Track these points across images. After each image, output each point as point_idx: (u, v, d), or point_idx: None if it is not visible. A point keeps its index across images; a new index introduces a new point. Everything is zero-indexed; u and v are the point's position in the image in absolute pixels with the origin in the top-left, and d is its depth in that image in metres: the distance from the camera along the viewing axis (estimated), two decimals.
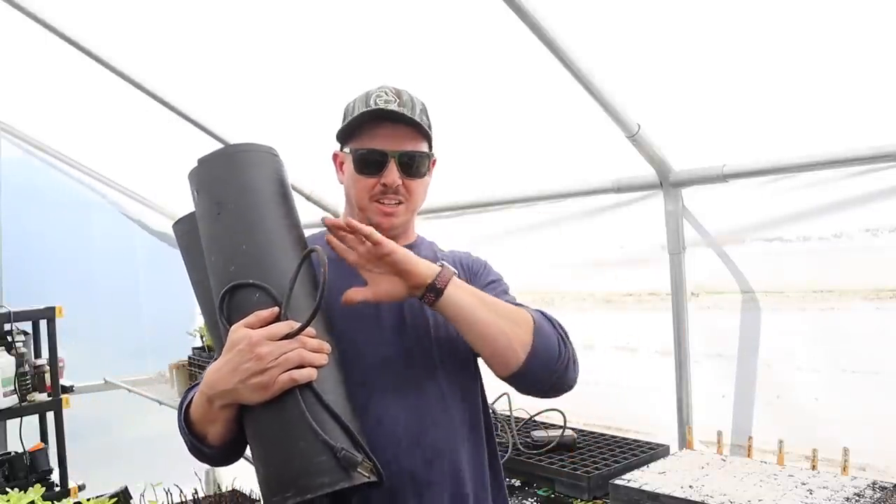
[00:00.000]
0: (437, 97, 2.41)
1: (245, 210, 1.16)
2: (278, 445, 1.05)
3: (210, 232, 1.18)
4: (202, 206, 1.20)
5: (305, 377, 1.04)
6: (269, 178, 1.21)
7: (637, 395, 2.47)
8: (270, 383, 1.03)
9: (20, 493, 2.34)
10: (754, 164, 1.98)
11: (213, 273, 1.16)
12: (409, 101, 1.30)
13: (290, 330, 1.05)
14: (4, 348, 3.26)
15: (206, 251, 1.18)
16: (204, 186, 1.20)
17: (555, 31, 1.81)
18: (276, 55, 2.52)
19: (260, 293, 1.10)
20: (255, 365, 1.03)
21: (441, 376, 1.29)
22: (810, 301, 2.00)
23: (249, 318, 1.07)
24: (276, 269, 1.12)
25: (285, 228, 1.18)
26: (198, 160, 1.22)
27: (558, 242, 2.66)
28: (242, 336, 1.05)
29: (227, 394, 1.06)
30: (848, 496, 1.64)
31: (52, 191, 4.23)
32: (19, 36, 2.72)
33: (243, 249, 1.13)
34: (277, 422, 1.05)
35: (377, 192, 1.29)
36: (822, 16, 1.65)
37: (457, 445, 1.29)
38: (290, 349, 1.04)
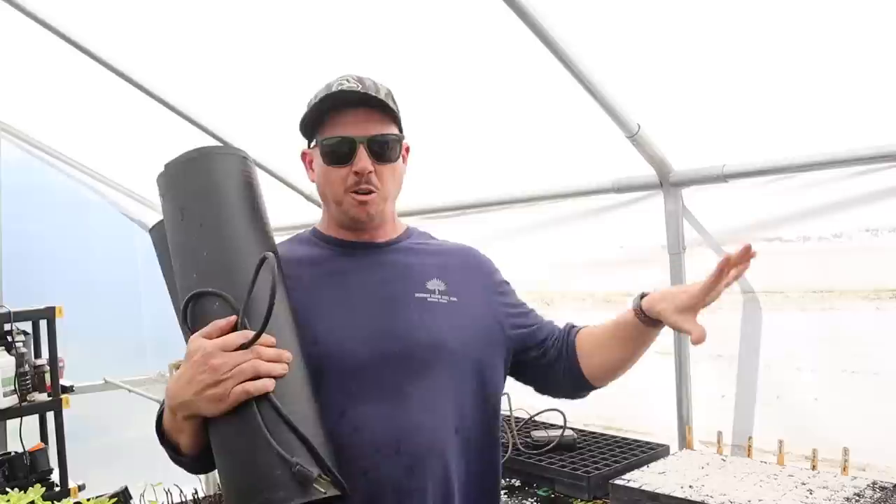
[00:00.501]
0: (438, 97, 2.42)
1: (207, 215, 1.13)
2: (237, 458, 1.03)
3: (174, 238, 1.15)
4: (167, 211, 1.18)
5: (260, 389, 1.00)
6: (234, 182, 1.17)
7: (637, 395, 2.46)
8: (225, 395, 1.00)
9: (20, 493, 2.33)
10: (754, 164, 1.98)
11: (178, 280, 1.14)
12: (373, 85, 1.25)
13: (244, 340, 1.01)
14: (4, 348, 3.25)
15: (172, 258, 1.16)
16: (168, 192, 1.18)
17: (555, 31, 1.81)
18: (276, 55, 2.52)
19: (219, 302, 1.06)
20: (210, 377, 1.00)
21: (426, 382, 1.23)
22: (810, 301, 2.00)
23: (206, 328, 1.04)
24: (237, 276, 1.08)
25: (250, 233, 1.14)
26: (164, 165, 1.19)
27: (558, 242, 2.65)
28: (197, 347, 1.03)
29: (186, 405, 1.04)
30: (848, 496, 1.64)
31: (52, 191, 4.22)
32: (19, 36, 2.72)
33: (204, 256, 1.10)
34: (235, 434, 1.03)
35: (350, 182, 1.23)
36: (822, 16, 1.65)
37: (442, 450, 1.22)
38: (243, 360, 1.00)
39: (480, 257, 1.45)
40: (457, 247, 1.44)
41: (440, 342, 1.25)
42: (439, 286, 1.30)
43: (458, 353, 1.27)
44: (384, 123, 1.25)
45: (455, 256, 1.40)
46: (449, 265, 1.36)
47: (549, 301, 2.70)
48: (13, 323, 3.30)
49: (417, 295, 1.27)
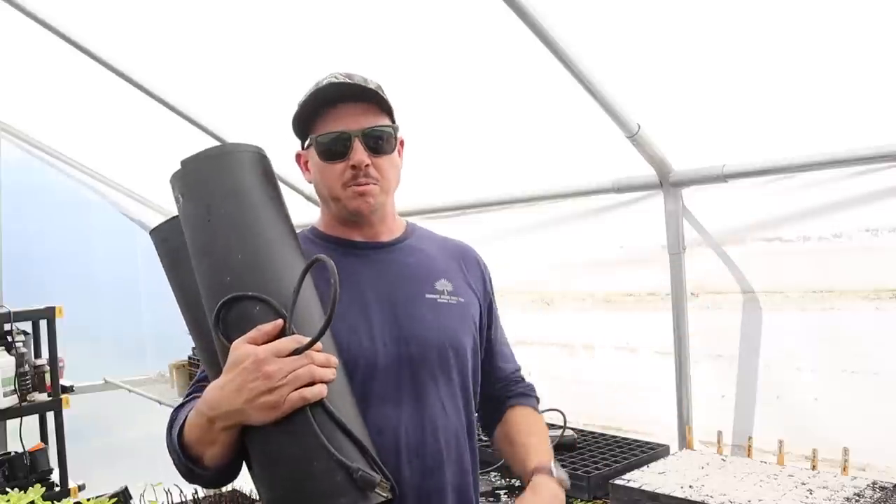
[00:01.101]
0: (438, 97, 2.42)
1: (238, 216, 1.08)
2: (290, 467, 0.99)
3: (199, 240, 1.09)
4: (189, 212, 1.11)
5: (317, 395, 0.98)
6: (260, 180, 1.13)
7: (637, 395, 2.47)
8: (280, 403, 0.97)
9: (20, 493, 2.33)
10: (754, 164, 1.98)
11: (204, 284, 1.07)
12: (362, 80, 1.23)
13: (297, 345, 0.98)
14: (4, 348, 3.26)
15: (196, 260, 1.09)
16: (189, 191, 1.11)
17: (555, 31, 1.81)
18: (276, 55, 2.52)
19: (260, 305, 1.02)
20: (263, 384, 0.96)
21: (442, 384, 1.25)
22: (810, 301, 2.00)
23: (252, 332, 1.00)
24: (277, 279, 1.04)
25: (281, 233, 1.11)
26: (181, 162, 1.13)
27: (558, 242, 2.66)
28: (247, 353, 0.98)
29: (232, 414, 1.00)
30: (848, 496, 1.64)
31: (52, 191, 4.22)
32: (19, 36, 2.72)
33: (238, 258, 1.05)
34: (288, 443, 0.99)
35: (348, 177, 1.21)
36: (821, 16, 1.65)
37: (459, 454, 1.27)
38: (299, 366, 0.98)
39: (477, 259, 1.45)
40: (457, 246, 1.44)
41: (454, 343, 1.27)
42: (447, 287, 1.31)
43: (468, 354, 1.30)
44: (377, 115, 1.23)
45: (457, 257, 1.40)
46: (452, 266, 1.36)
47: (549, 301, 2.71)
48: (13, 323, 3.30)
49: (428, 296, 1.28)
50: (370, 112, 1.22)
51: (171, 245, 1.15)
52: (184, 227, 1.12)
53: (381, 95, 1.22)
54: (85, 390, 3.98)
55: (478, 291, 1.38)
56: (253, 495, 2.96)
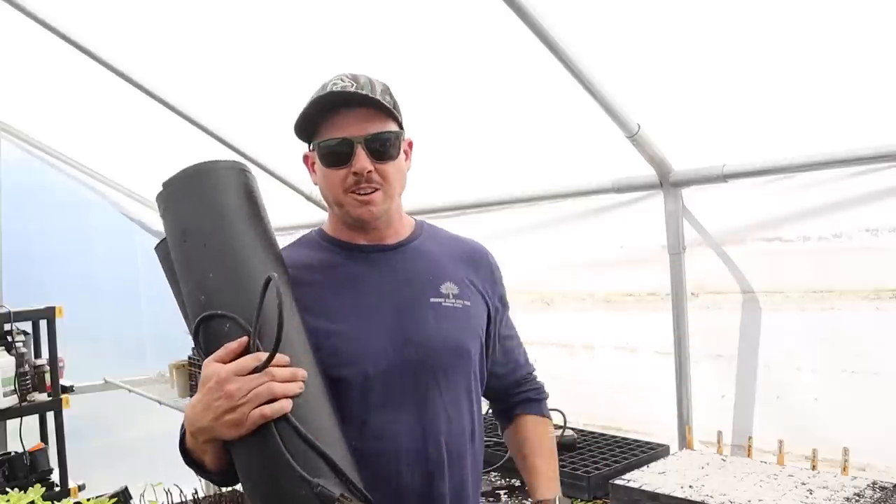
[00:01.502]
0: (438, 97, 2.42)
1: (210, 235, 1.10)
2: (260, 481, 1.03)
3: (179, 259, 1.13)
4: (169, 232, 1.15)
5: (278, 411, 0.99)
6: (236, 198, 1.14)
7: (637, 395, 2.47)
8: (242, 420, 0.99)
9: (20, 493, 2.34)
10: (754, 164, 1.98)
11: (187, 302, 1.12)
12: (368, 82, 1.21)
13: (257, 363, 1.00)
14: (4, 348, 3.26)
15: (179, 280, 1.14)
16: (168, 212, 1.15)
17: (555, 31, 1.81)
18: (276, 55, 2.52)
19: (230, 323, 1.05)
20: (226, 403, 0.99)
21: (444, 388, 1.24)
22: (810, 301, 2.00)
23: (219, 351, 1.03)
24: (245, 296, 1.06)
25: (256, 250, 1.12)
26: (162, 184, 1.17)
27: (558, 242, 2.66)
28: (212, 373, 1.02)
29: (204, 431, 1.04)
30: (848, 496, 1.64)
31: (52, 191, 4.22)
32: (19, 36, 2.72)
33: (211, 277, 1.08)
34: (255, 457, 1.03)
35: (350, 183, 1.20)
36: (821, 16, 1.65)
37: (460, 458, 1.26)
38: (258, 384, 0.99)
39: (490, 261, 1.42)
40: (470, 247, 1.41)
41: (458, 349, 1.26)
42: (453, 290, 1.29)
43: (471, 360, 1.29)
44: (382, 121, 1.21)
45: (467, 258, 1.37)
46: (460, 268, 1.34)
47: (549, 301, 2.71)
48: (13, 323, 3.30)
49: (433, 300, 1.26)
50: (374, 117, 1.21)
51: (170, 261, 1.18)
52: (170, 248, 1.16)
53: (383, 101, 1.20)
54: (85, 390, 3.98)
55: (486, 294, 1.36)
56: None
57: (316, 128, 1.22)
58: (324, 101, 1.19)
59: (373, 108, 1.20)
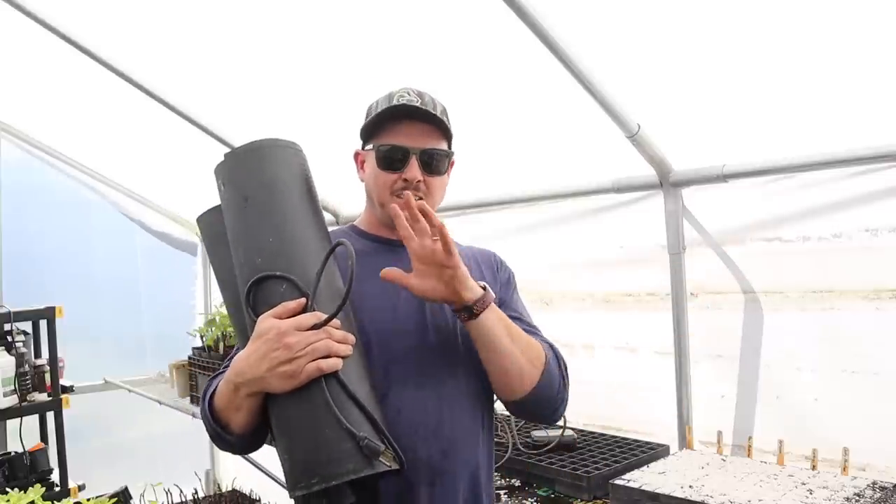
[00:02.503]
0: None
1: (271, 204, 1.18)
2: (304, 434, 1.07)
3: (236, 225, 1.20)
4: (228, 199, 1.22)
5: (331, 366, 1.07)
6: (295, 173, 1.23)
7: (637, 395, 2.47)
8: (298, 372, 1.05)
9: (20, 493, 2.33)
10: (754, 164, 1.98)
11: (239, 265, 1.19)
12: (431, 101, 1.34)
13: (317, 321, 1.08)
14: (4, 348, 3.25)
15: (233, 243, 1.21)
16: (231, 180, 1.23)
17: (555, 31, 1.81)
18: (277, 55, 2.52)
19: (286, 285, 1.12)
20: (283, 354, 1.06)
21: (462, 374, 1.31)
22: (810, 301, 2.00)
23: (277, 308, 1.10)
24: (302, 262, 1.15)
25: (310, 222, 1.21)
26: (224, 154, 1.25)
27: (558, 242, 2.66)
28: (271, 326, 1.08)
29: (255, 382, 1.09)
30: (848, 496, 1.64)
31: (52, 191, 4.21)
32: (19, 36, 2.72)
33: (270, 242, 1.15)
34: (303, 410, 1.08)
35: (398, 187, 1.31)
36: (821, 16, 1.65)
37: (474, 443, 1.33)
38: (316, 339, 1.07)
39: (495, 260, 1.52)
40: (480, 252, 1.52)
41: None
42: None
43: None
44: (437, 138, 1.34)
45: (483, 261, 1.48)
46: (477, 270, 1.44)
47: (548, 301, 2.71)
48: (13, 323, 3.30)
49: None
50: (432, 134, 1.33)
51: (214, 230, 1.27)
52: (224, 213, 1.24)
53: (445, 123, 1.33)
54: (85, 390, 3.98)
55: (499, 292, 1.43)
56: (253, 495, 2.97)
57: (378, 132, 1.33)
58: (395, 112, 1.30)
59: (433, 125, 1.33)
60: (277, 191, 1.20)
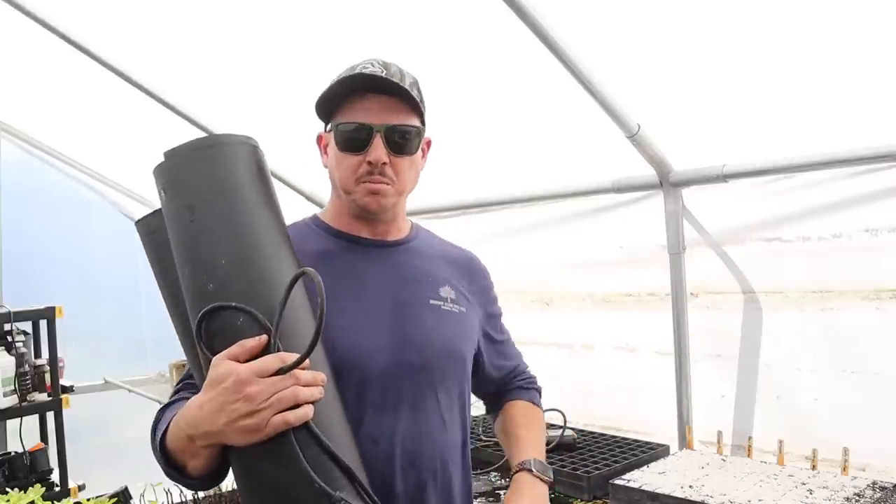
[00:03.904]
0: (437, 97, 2.40)
1: (222, 216, 0.98)
2: (270, 492, 0.95)
3: (182, 240, 1.00)
4: (171, 208, 1.02)
5: (301, 417, 0.92)
6: (250, 175, 1.03)
7: (637, 395, 2.47)
8: (262, 426, 0.90)
9: (20, 493, 2.33)
10: (754, 164, 1.98)
11: (187, 289, 0.99)
12: (399, 72, 1.18)
13: (282, 364, 0.91)
14: (4, 348, 3.25)
15: (178, 262, 1.01)
16: (172, 185, 1.03)
17: (555, 31, 1.81)
18: (276, 54, 2.52)
19: (244, 317, 0.94)
20: (244, 406, 0.90)
21: (441, 393, 1.21)
22: (810, 301, 2.00)
23: (234, 348, 0.92)
24: (263, 288, 0.96)
25: (272, 235, 1.01)
26: (164, 153, 1.05)
27: (558, 242, 2.66)
28: (228, 371, 0.91)
29: (211, 435, 0.94)
30: (848, 496, 1.64)
31: (52, 191, 4.21)
32: (19, 36, 2.72)
33: (223, 264, 0.96)
34: (269, 466, 0.94)
35: (363, 172, 1.15)
36: (821, 16, 1.65)
37: (452, 466, 1.23)
38: (283, 387, 0.91)
39: (482, 268, 1.41)
40: (462, 253, 1.40)
41: (456, 353, 1.24)
42: (450, 294, 1.27)
43: (466, 367, 1.28)
44: (405, 113, 1.17)
45: (461, 264, 1.36)
46: (456, 273, 1.32)
47: (548, 301, 2.71)
48: (13, 323, 3.29)
49: (432, 301, 1.24)
50: (399, 108, 1.17)
51: (158, 239, 1.06)
52: (167, 225, 1.03)
53: (411, 93, 1.16)
54: (85, 390, 3.98)
55: (479, 302, 1.35)
56: None
57: (337, 109, 1.18)
58: (353, 83, 1.15)
59: (399, 97, 1.16)
60: (230, 200, 0.99)
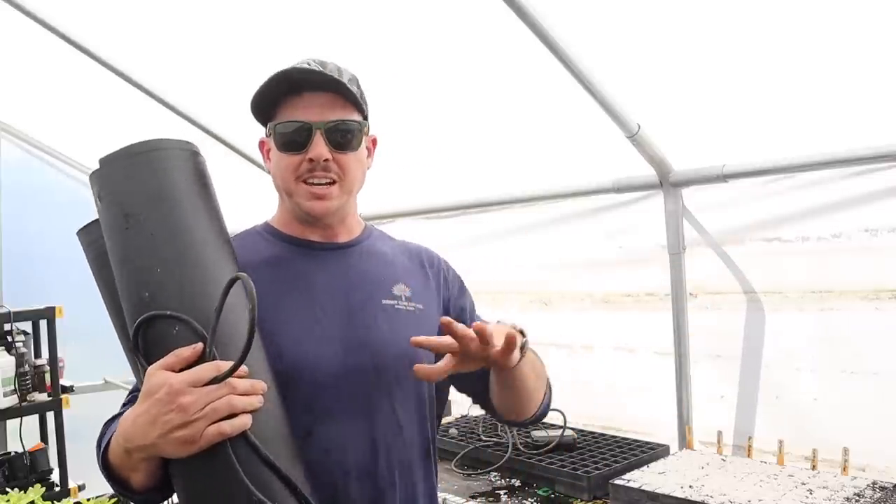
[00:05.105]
0: (438, 97, 2.42)
1: (159, 224, 0.98)
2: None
3: (118, 249, 0.99)
4: (107, 217, 1.01)
5: (237, 428, 0.89)
6: (188, 182, 1.02)
7: (637, 395, 2.47)
8: (196, 438, 0.88)
9: (20, 493, 2.34)
10: (754, 164, 1.98)
11: (124, 298, 0.99)
12: (336, 69, 1.17)
13: (217, 372, 0.89)
14: (4, 348, 3.25)
15: (115, 271, 1.00)
16: (107, 193, 1.01)
17: (555, 31, 1.81)
18: (277, 55, 2.51)
19: (180, 325, 0.93)
20: (178, 417, 0.87)
21: (397, 398, 1.16)
22: (810, 301, 2.00)
23: (168, 358, 0.91)
24: (199, 296, 0.95)
25: (209, 244, 1.00)
26: (99, 160, 1.04)
27: (558, 242, 2.66)
28: (160, 382, 0.89)
29: (146, 448, 0.92)
30: (848, 496, 1.64)
31: (52, 191, 4.22)
32: (19, 36, 2.72)
33: (158, 272, 0.95)
34: (206, 479, 0.91)
35: (304, 170, 1.14)
36: (821, 16, 1.65)
37: (411, 471, 1.19)
38: (217, 397, 0.88)
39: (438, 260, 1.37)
40: (418, 249, 1.36)
41: (411, 354, 1.14)
42: (405, 292, 1.24)
43: None
44: (345, 109, 1.16)
45: (417, 259, 1.32)
46: (411, 269, 1.29)
47: (547, 301, 2.71)
48: (13, 323, 3.29)
49: (385, 301, 1.20)
50: (337, 104, 1.15)
51: (98, 248, 1.05)
52: (104, 233, 1.02)
53: (350, 88, 1.15)
54: (85, 390, 3.97)
55: (440, 294, 1.30)
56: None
57: (273, 110, 1.17)
58: (288, 80, 1.13)
59: (337, 93, 1.15)
60: (166, 207, 0.98)
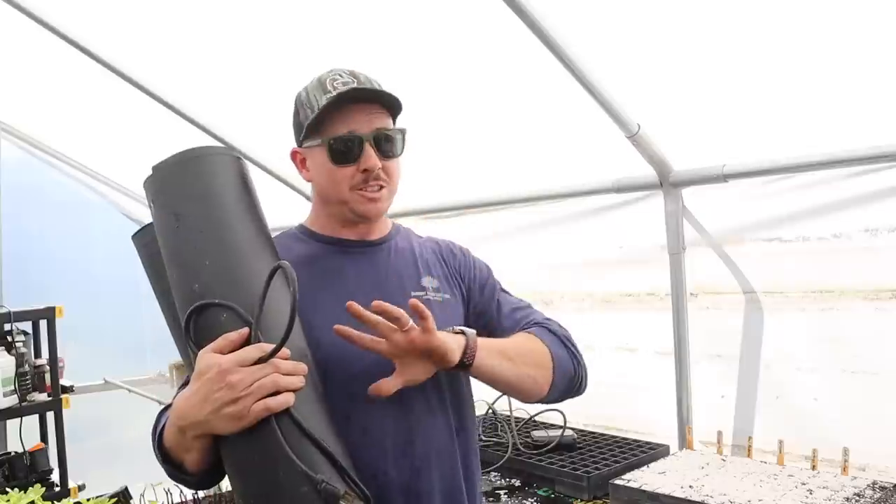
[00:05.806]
0: (438, 97, 2.42)
1: (206, 222, 1.08)
2: (257, 478, 1.00)
3: (170, 247, 1.10)
4: (159, 218, 1.12)
5: (281, 404, 0.97)
6: (232, 185, 1.13)
7: (637, 395, 2.47)
8: (244, 413, 0.96)
9: (20, 493, 2.33)
10: (754, 164, 1.98)
11: (176, 291, 1.09)
12: (367, 79, 1.23)
13: (261, 354, 0.98)
14: (4, 348, 3.25)
15: (168, 267, 1.10)
16: (160, 197, 1.13)
17: (555, 31, 1.81)
18: (275, 54, 2.52)
19: (227, 313, 1.02)
20: (227, 394, 0.96)
21: (430, 386, 1.22)
22: (810, 301, 2.00)
23: (217, 341, 1.00)
24: (244, 286, 1.04)
25: (252, 239, 1.10)
26: (152, 167, 1.15)
27: (558, 242, 2.66)
28: (211, 363, 0.98)
29: (199, 425, 1.00)
30: (848, 496, 1.64)
31: (52, 191, 4.22)
32: (19, 36, 2.72)
33: (206, 265, 1.05)
34: (254, 452, 0.99)
35: (358, 180, 1.21)
36: (821, 16, 1.65)
37: (450, 457, 1.24)
38: (262, 375, 0.96)
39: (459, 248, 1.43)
40: (438, 241, 1.42)
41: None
42: (433, 283, 1.30)
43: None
44: (384, 117, 1.23)
45: (438, 251, 1.38)
46: (435, 260, 1.36)
47: (548, 301, 2.70)
48: (13, 323, 3.29)
49: (415, 293, 1.26)
50: (378, 113, 1.22)
51: (151, 250, 1.15)
52: (157, 234, 1.13)
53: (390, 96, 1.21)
54: (85, 390, 3.97)
55: (462, 283, 1.36)
56: None
57: (318, 124, 1.21)
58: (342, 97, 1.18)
59: (377, 104, 1.21)
60: (213, 207, 1.09)
